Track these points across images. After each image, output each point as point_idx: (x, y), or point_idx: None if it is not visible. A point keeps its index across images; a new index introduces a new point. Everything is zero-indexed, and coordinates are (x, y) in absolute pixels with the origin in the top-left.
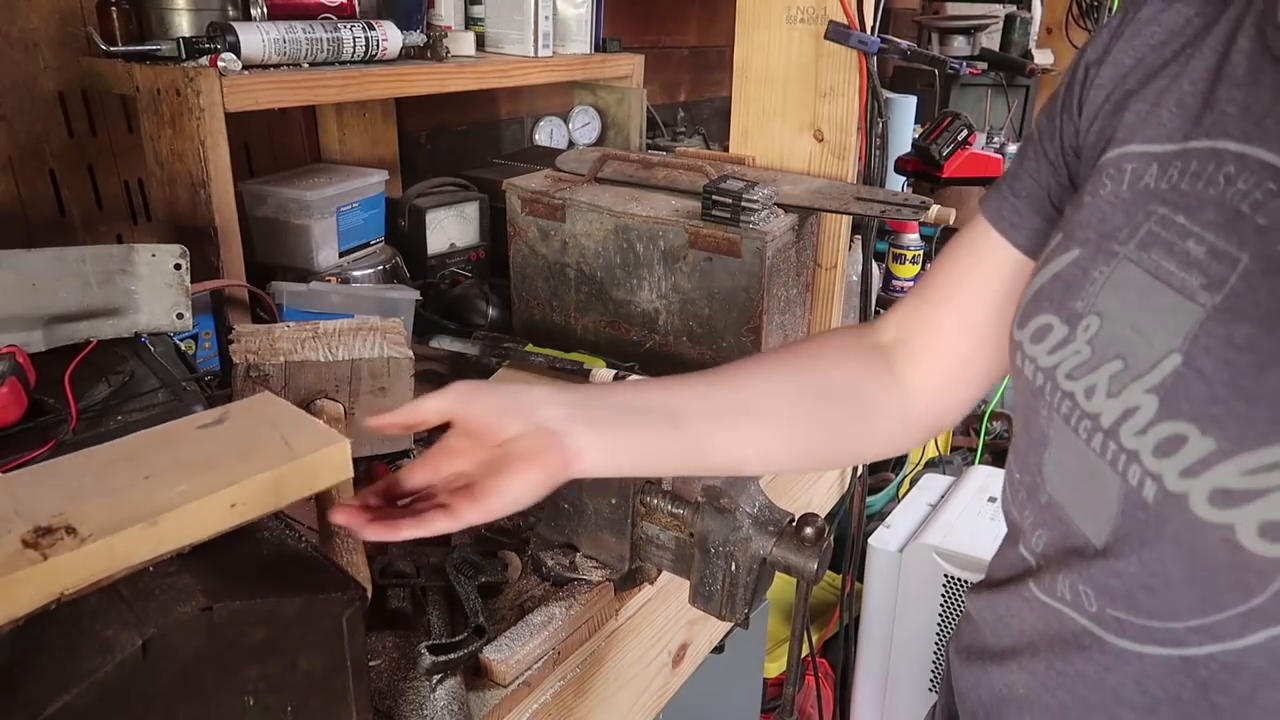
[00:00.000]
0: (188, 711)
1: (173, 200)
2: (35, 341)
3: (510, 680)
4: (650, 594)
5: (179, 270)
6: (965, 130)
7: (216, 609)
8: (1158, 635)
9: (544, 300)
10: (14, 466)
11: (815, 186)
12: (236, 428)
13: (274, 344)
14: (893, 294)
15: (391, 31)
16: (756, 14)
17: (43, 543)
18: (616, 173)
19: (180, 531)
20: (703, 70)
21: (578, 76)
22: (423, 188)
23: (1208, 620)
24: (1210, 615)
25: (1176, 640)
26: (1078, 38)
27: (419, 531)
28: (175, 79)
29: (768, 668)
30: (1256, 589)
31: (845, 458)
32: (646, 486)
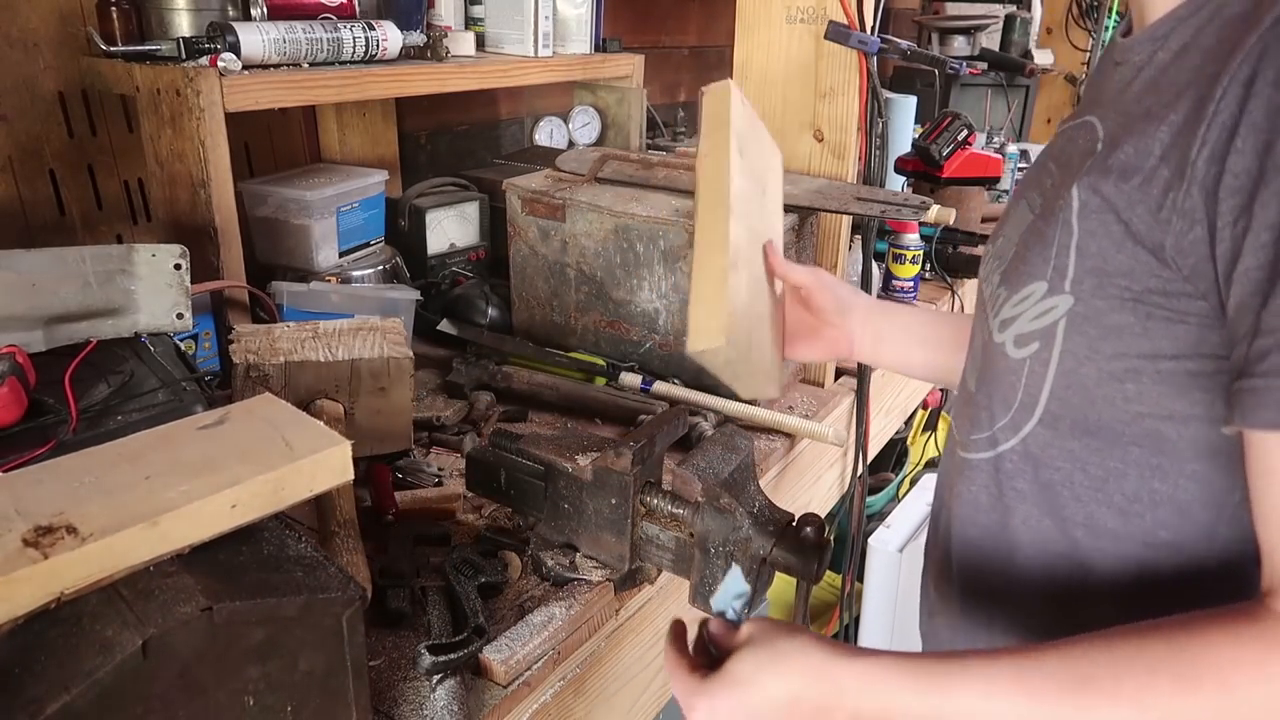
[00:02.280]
0: (188, 711)
1: (173, 200)
2: (35, 341)
3: (510, 680)
4: (650, 594)
5: (179, 270)
6: (965, 130)
7: (216, 609)
8: (982, 444)
9: (544, 300)
10: (14, 466)
11: (815, 186)
12: (237, 428)
13: (274, 344)
14: (893, 294)
15: (391, 31)
16: (756, 14)
17: (43, 542)
18: (616, 173)
19: (180, 532)
20: (703, 70)
21: (578, 76)
22: (423, 188)
23: (1003, 421)
24: (1001, 418)
25: (992, 442)
26: (1078, 38)
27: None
28: (175, 79)
29: None
30: (1017, 387)
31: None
32: (646, 486)
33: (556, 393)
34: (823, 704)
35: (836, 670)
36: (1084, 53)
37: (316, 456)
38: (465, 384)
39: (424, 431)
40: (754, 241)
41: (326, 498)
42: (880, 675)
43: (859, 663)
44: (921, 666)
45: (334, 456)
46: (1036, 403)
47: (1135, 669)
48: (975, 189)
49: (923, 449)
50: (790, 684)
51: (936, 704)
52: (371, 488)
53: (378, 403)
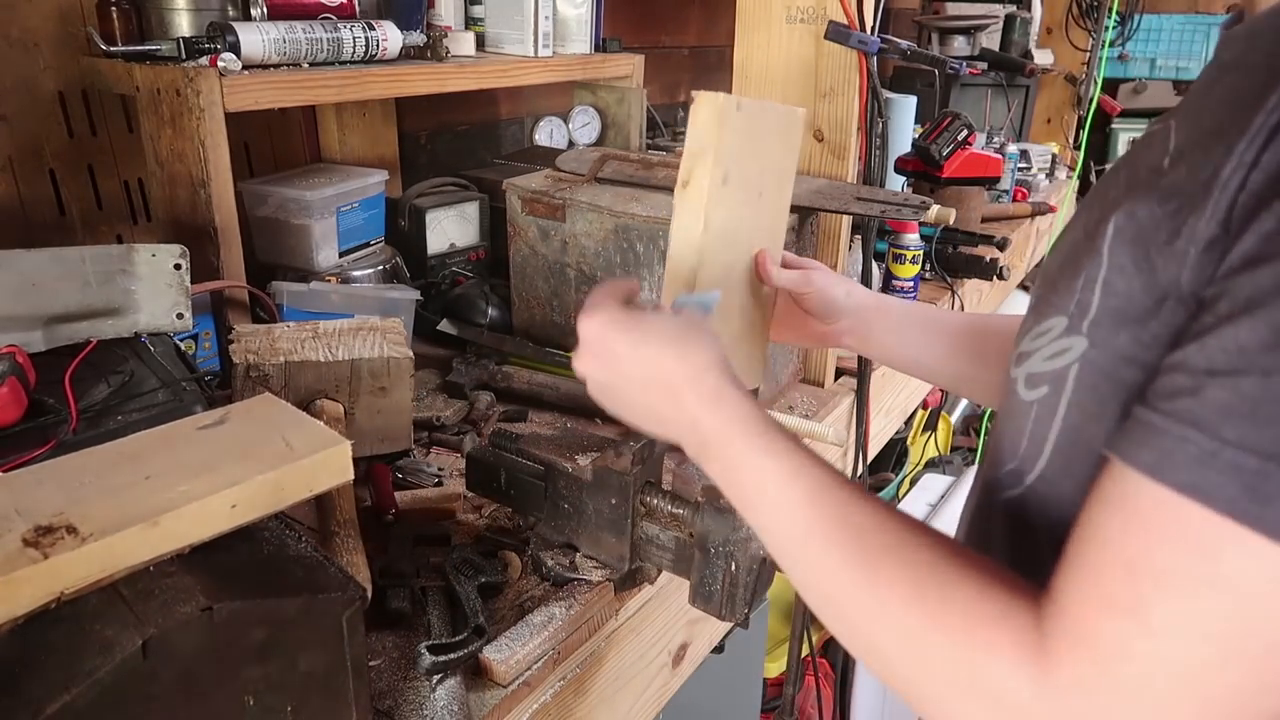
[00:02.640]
0: (188, 711)
1: (173, 200)
2: (35, 341)
3: (510, 680)
4: (650, 594)
5: (179, 270)
6: (965, 130)
7: (216, 609)
8: (991, 484)
9: (544, 300)
10: (14, 466)
11: (815, 186)
12: (237, 428)
13: (274, 344)
14: (893, 294)
15: (391, 31)
16: (756, 14)
17: (43, 542)
18: (616, 173)
19: (181, 531)
20: (703, 70)
21: (578, 76)
22: (423, 188)
23: (1009, 466)
24: (1008, 462)
25: (998, 486)
26: (1078, 38)
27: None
28: (175, 79)
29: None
30: (1023, 432)
31: None
32: (646, 486)
33: (556, 393)
34: (675, 400)
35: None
36: (1084, 53)
37: (316, 456)
38: (465, 384)
39: (424, 431)
40: (741, 247)
41: (326, 498)
42: (733, 417)
43: (726, 405)
44: (761, 436)
45: (334, 456)
46: (1040, 454)
47: (908, 576)
48: (975, 189)
49: (923, 449)
50: (665, 369)
51: (753, 463)
52: (371, 488)
53: (378, 403)
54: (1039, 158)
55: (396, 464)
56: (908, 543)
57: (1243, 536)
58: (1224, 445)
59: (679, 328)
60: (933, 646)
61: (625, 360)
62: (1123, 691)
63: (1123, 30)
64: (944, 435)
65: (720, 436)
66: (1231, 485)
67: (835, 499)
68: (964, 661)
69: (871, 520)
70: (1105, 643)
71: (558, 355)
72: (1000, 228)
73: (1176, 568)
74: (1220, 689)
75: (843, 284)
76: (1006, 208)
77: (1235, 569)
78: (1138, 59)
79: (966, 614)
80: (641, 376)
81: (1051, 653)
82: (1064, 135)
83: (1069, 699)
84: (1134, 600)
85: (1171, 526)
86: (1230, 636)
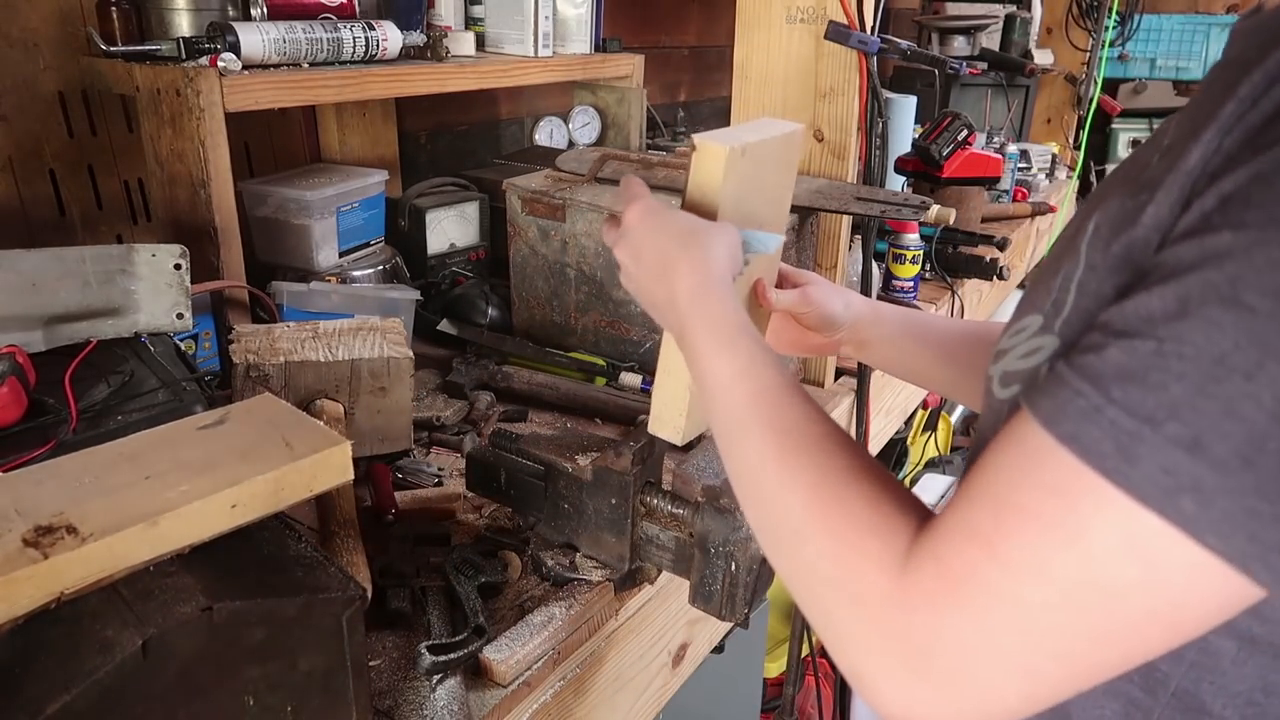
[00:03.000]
0: (188, 711)
1: (173, 200)
2: (35, 341)
3: (510, 680)
4: (650, 594)
5: (179, 270)
6: (965, 130)
7: (216, 609)
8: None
9: (544, 300)
10: (14, 466)
11: (815, 186)
12: (237, 428)
13: (274, 344)
14: (893, 294)
15: (391, 31)
16: (756, 14)
17: (43, 542)
18: (616, 173)
19: (180, 531)
20: (703, 70)
21: (578, 76)
22: (423, 188)
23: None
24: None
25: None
26: (1078, 38)
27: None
28: (175, 79)
29: (768, 668)
30: (998, 428)
31: None
32: (646, 486)
33: (556, 393)
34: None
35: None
36: (1084, 53)
37: (316, 456)
38: (465, 384)
39: (424, 431)
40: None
41: (326, 498)
42: (708, 313)
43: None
44: (725, 334)
45: (334, 456)
46: None
47: (813, 475)
48: (975, 189)
49: (923, 449)
50: (671, 258)
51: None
52: (371, 488)
53: (378, 403)
54: (1039, 158)
55: (396, 464)
56: (824, 447)
57: (1104, 491)
58: (1109, 403)
59: (695, 224)
60: (814, 538)
61: (645, 245)
62: (964, 612)
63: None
64: (944, 435)
65: (692, 326)
66: (1107, 441)
67: (772, 400)
68: (836, 558)
69: (798, 423)
70: (959, 564)
71: (558, 355)
72: (1000, 228)
73: (1039, 510)
74: (1053, 630)
75: (840, 296)
76: (1006, 208)
77: (1091, 521)
78: (1138, 59)
79: (850, 517)
80: (651, 261)
81: (912, 566)
82: (1064, 135)
83: (917, 610)
84: (993, 531)
85: (1045, 472)
86: (1072, 583)
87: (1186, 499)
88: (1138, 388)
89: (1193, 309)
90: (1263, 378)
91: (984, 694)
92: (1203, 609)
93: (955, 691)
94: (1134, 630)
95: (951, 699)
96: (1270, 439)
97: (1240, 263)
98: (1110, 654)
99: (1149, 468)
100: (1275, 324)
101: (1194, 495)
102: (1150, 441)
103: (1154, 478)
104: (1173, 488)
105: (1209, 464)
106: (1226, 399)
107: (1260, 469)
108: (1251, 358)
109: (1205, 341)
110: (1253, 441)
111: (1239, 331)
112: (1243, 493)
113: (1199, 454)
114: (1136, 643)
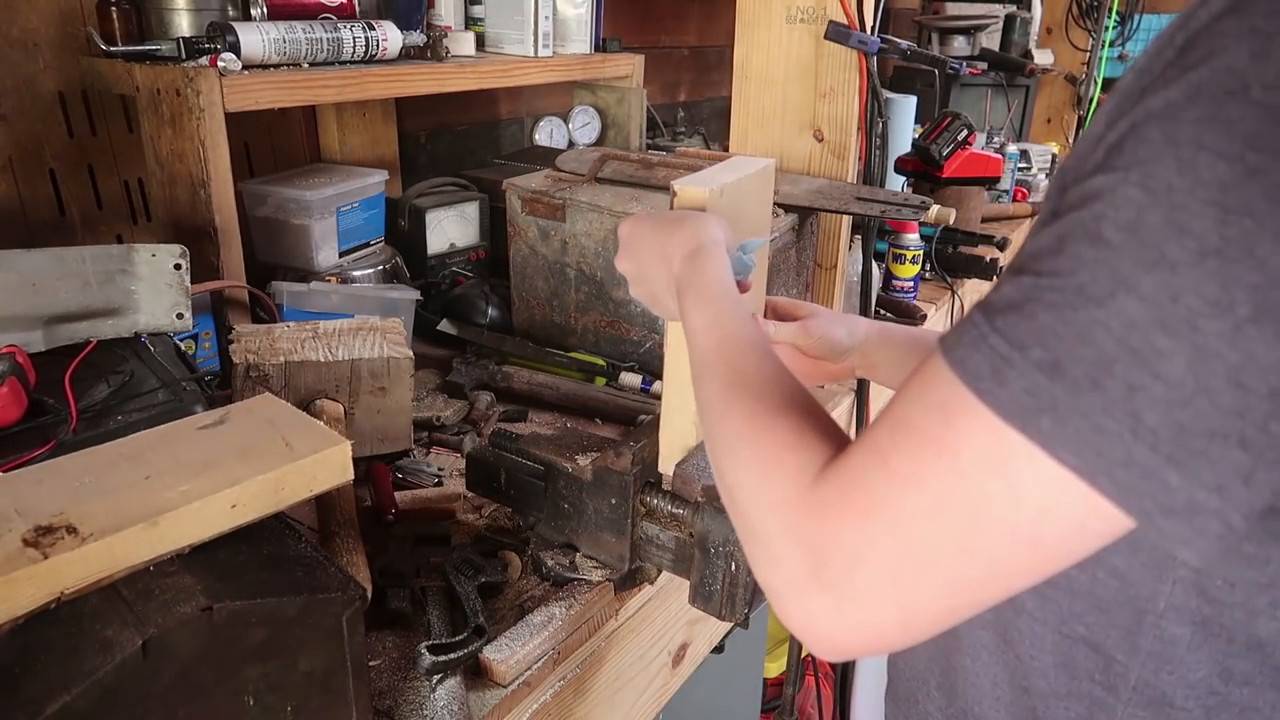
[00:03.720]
0: (188, 711)
1: (173, 200)
2: (35, 341)
3: (510, 680)
4: (650, 594)
5: (179, 270)
6: (965, 130)
7: (216, 609)
8: None
9: (544, 300)
10: (14, 466)
11: (815, 186)
12: (237, 428)
13: (274, 344)
14: (893, 294)
15: (391, 31)
16: (756, 14)
17: (43, 542)
18: (616, 173)
19: (180, 531)
20: (703, 70)
21: (578, 76)
22: (423, 188)
23: None
24: None
25: None
26: (1078, 38)
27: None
28: (175, 79)
29: (768, 668)
30: None
31: None
32: (646, 486)
33: (556, 393)
34: (668, 264)
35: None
36: (1084, 53)
37: (316, 456)
38: (465, 384)
39: (424, 431)
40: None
41: (326, 498)
42: (694, 275)
43: (695, 265)
44: (705, 292)
45: (334, 456)
46: None
47: (753, 404)
48: (975, 189)
49: None
50: (665, 244)
51: (693, 312)
52: (371, 488)
53: (378, 403)
54: (1039, 158)
55: (396, 464)
56: (768, 382)
57: (976, 409)
58: (992, 331)
59: (685, 212)
60: (741, 454)
61: (641, 243)
62: (851, 515)
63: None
64: None
65: (682, 286)
66: (985, 365)
67: (735, 348)
68: (758, 471)
69: (753, 366)
70: (853, 473)
71: (558, 355)
72: (1000, 228)
73: (924, 426)
74: (926, 539)
75: (842, 324)
76: (1006, 208)
77: (963, 436)
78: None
79: (776, 436)
80: (649, 252)
81: (821, 479)
82: (1064, 135)
83: (816, 517)
84: (887, 444)
85: (934, 393)
86: (943, 492)
87: (1045, 418)
88: (1015, 316)
89: (1065, 245)
90: (1112, 305)
91: (866, 605)
92: (1061, 528)
93: (844, 601)
94: (998, 544)
95: (841, 610)
96: (1117, 362)
97: (1105, 201)
98: (977, 569)
99: (1015, 389)
100: (1127, 256)
101: (1051, 415)
102: (1018, 365)
103: (1018, 398)
104: (1034, 408)
105: (1064, 385)
106: (1081, 325)
107: (1107, 390)
108: (1105, 287)
109: (1070, 274)
110: (1101, 364)
111: (1097, 265)
112: (1092, 412)
113: (1057, 376)
114: (1004, 560)
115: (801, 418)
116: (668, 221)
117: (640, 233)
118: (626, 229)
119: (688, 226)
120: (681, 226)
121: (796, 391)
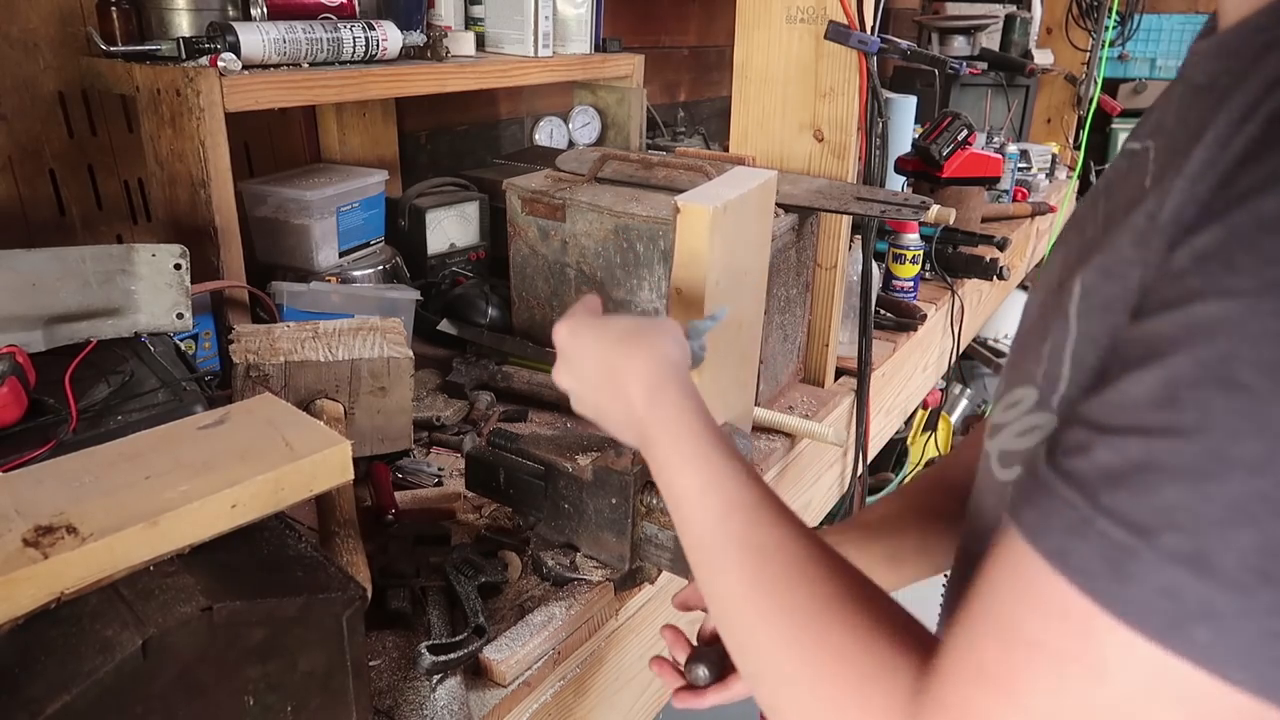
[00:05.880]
0: (188, 711)
1: (173, 200)
2: (35, 341)
3: (510, 680)
4: (650, 594)
5: (179, 270)
6: (965, 130)
7: (216, 609)
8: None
9: (544, 300)
10: (14, 466)
11: (815, 186)
12: (237, 428)
13: (274, 344)
14: (893, 294)
15: (391, 31)
16: (756, 14)
17: (43, 542)
18: (616, 173)
19: (180, 531)
20: (703, 70)
21: (578, 76)
22: (423, 188)
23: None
24: (980, 543)
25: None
26: (1078, 38)
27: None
28: (175, 79)
29: None
30: (997, 512)
31: None
32: (647, 486)
33: (556, 393)
34: (623, 394)
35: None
36: (1084, 53)
37: (316, 456)
38: (465, 384)
39: (424, 431)
40: (730, 322)
41: (326, 498)
42: (666, 417)
43: (662, 404)
44: (688, 441)
45: (334, 456)
46: None
47: (795, 615)
48: (975, 189)
49: (923, 449)
50: (615, 365)
51: (676, 468)
52: (371, 488)
53: (378, 403)
54: (1039, 158)
55: (396, 464)
56: (806, 573)
57: (1101, 619)
58: (1097, 513)
59: (632, 324)
60: (805, 685)
61: (585, 361)
62: None
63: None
64: (944, 435)
65: (653, 435)
66: (1095, 558)
67: (744, 518)
68: (833, 712)
69: (775, 543)
70: (973, 715)
71: None
72: (1000, 228)
73: (1047, 642)
74: None
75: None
76: (1006, 208)
77: (1105, 650)
78: (1138, 59)
79: (845, 663)
80: (595, 374)
81: (919, 712)
82: (1064, 135)
83: None
84: (1006, 672)
85: (1042, 595)
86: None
87: (1200, 628)
88: (1128, 492)
89: (1183, 395)
90: (1272, 471)
91: None
92: None
93: None
94: None
95: None
96: None
97: (1232, 337)
98: None
99: (1145, 590)
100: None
101: (1208, 623)
102: (1145, 558)
103: (1152, 602)
104: (1177, 614)
105: (1218, 583)
106: (1229, 499)
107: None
108: (1255, 449)
109: (1198, 431)
110: (1268, 550)
111: (1238, 418)
112: (1261, 613)
113: (1205, 572)
114: None
115: (865, 617)
116: (613, 339)
117: (582, 348)
118: (563, 337)
119: (641, 350)
120: (634, 350)
121: (843, 573)
